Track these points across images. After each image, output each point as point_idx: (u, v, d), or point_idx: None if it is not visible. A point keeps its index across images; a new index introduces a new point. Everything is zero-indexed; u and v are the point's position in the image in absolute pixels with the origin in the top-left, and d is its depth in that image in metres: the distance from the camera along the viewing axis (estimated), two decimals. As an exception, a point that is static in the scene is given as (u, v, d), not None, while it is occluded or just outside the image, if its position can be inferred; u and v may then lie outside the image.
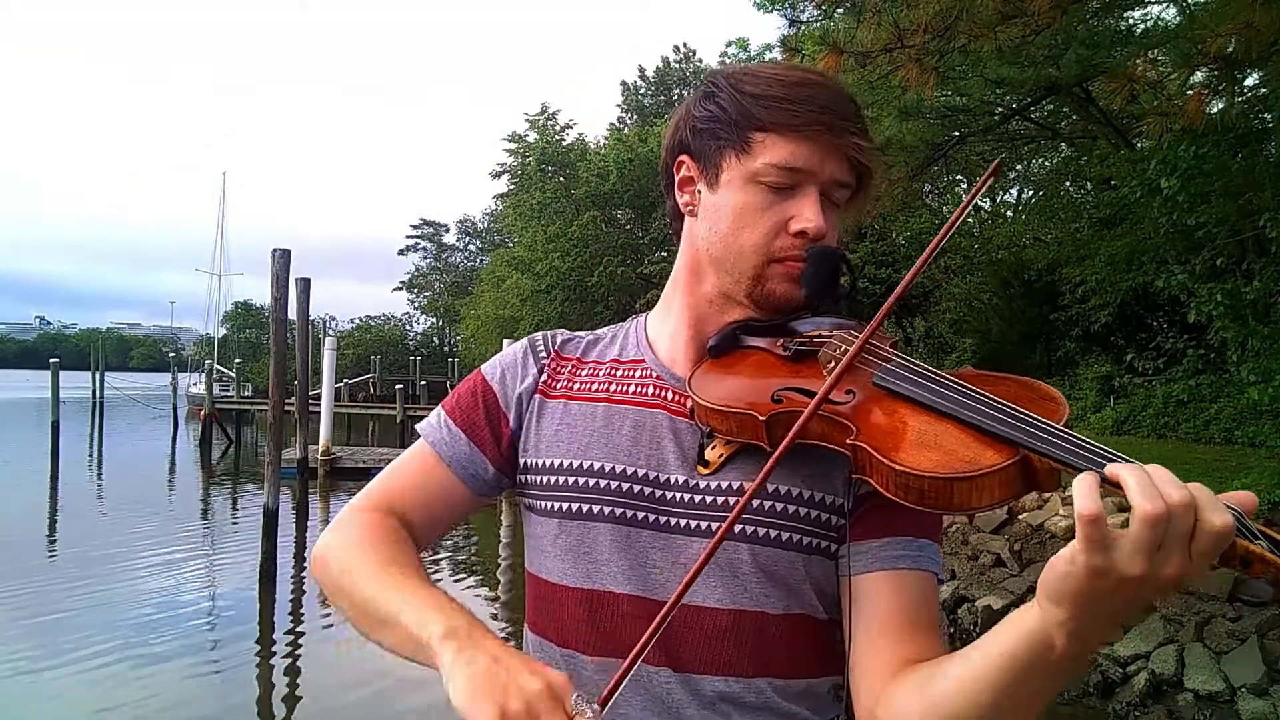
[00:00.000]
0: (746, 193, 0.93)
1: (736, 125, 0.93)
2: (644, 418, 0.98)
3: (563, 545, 0.97)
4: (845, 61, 5.54)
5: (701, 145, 0.96)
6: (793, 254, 0.93)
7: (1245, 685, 4.84)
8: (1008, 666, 0.70)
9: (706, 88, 0.98)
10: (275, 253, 10.37)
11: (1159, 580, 0.61)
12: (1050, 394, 0.78)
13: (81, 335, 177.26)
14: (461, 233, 52.47)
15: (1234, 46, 4.27)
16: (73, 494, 15.53)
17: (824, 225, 0.91)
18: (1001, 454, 0.72)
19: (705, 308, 1.00)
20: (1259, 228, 7.29)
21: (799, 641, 0.92)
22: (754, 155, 0.92)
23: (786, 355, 0.93)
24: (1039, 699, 0.73)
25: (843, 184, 0.94)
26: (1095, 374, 12.26)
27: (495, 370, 1.06)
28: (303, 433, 15.02)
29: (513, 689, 0.72)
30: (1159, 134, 5.93)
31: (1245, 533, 0.62)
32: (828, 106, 0.90)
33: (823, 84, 0.93)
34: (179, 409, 34.90)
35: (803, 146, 0.90)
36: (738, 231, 0.94)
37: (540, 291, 25.07)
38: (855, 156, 0.92)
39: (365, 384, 39.30)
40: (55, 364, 24.03)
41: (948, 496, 0.73)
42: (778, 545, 0.91)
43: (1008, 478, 0.71)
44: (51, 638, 7.02)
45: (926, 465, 0.73)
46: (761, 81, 0.93)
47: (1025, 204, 17.26)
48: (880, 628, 0.86)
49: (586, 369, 1.05)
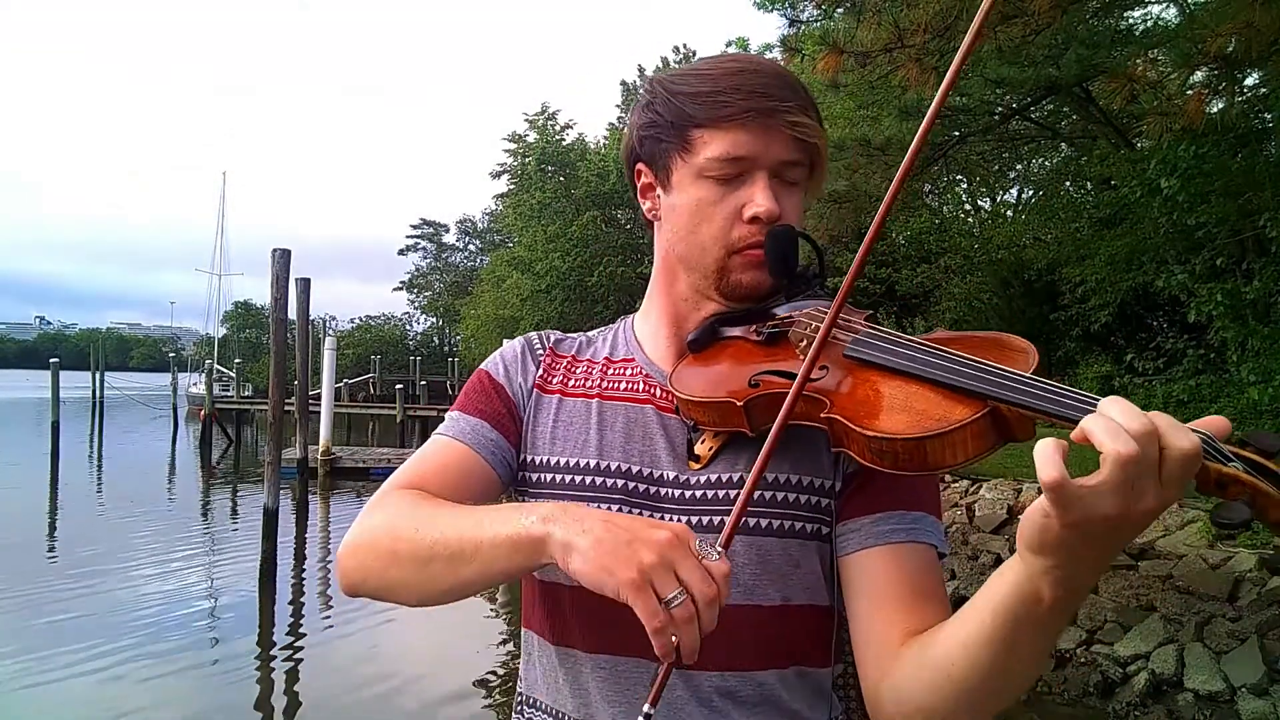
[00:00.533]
0: (697, 189, 0.94)
1: (675, 127, 0.94)
2: (635, 413, 0.99)
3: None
4: (845, 61, 5.54)
5: (650, 152, 0.99)
6: (752, 241, 0.93)
7: (1245, 685, 4.84)
8: (1000, 622, 0.70)
9: (644, 95, 1.00)
10: (275, 253, 10.38)
11: (1136, 515, 0.61)
12: (1019, 345, 0.79)
13: (81, 335, 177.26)
14: (461, 233, 52.48)
15: (1234, 46, 4.27)
16: (73, 494, 15.53)
17: (775, 207, 0.92)
18: (971, 407, 0.72)
19: (682, 306, 1.02)
20: (1259, 228, 7.28)
21: (799, 632, 0.92)
22: (696, 152, 0.93)
23: (760, 340, 0.94)
24: (1037, 650, 0.73)
25: (792, 163, 0.94)
26: (1095, 374, 12.25)
27: (498, 365, 1.07)
28: (303, 433, 15.02)
29: (640, 544, 0.70)
30: (1159, 134, 5.94)
31: (1217, 455, 0.62)
32: (759, 90, 0.91)
33: (753, 69, 0.93)
34: (179, 409, 34.91)
35: (740, 135, 0.91)
36: (695, 228, 0.95)
37: (540, 291, 25.06)
38: (797, 135, 0.92)
39: (365, 384, 39.28)
40: (55, 364, 24.04)
41: (921, 456, 0.73)
42: (773, 534, 0.90)
43: (979, 430, 0.71)
44: (51, 638, 7.02)
45: (897, 428, 0.74)
46: (692, 79, 0.95)
47: (1025, 204, 17.24)
48: (879, 604, 0.86)
49: (581, 367, 1.06)
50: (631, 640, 0.89)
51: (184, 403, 36.77)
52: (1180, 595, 5.72)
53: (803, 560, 0.91)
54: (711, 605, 0.70)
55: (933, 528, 0.90)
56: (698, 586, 0.69)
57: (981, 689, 0.74)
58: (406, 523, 0.87)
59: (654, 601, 0.69)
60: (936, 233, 16.46)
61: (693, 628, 0.69)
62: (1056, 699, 5.49)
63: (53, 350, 63.18)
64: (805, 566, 0.91)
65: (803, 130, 0.92)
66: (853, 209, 9.89)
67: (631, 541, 0.71)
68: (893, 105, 8.56)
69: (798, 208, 0.96)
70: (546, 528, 0.76)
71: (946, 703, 0.76)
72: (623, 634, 0.89)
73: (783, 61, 23.63)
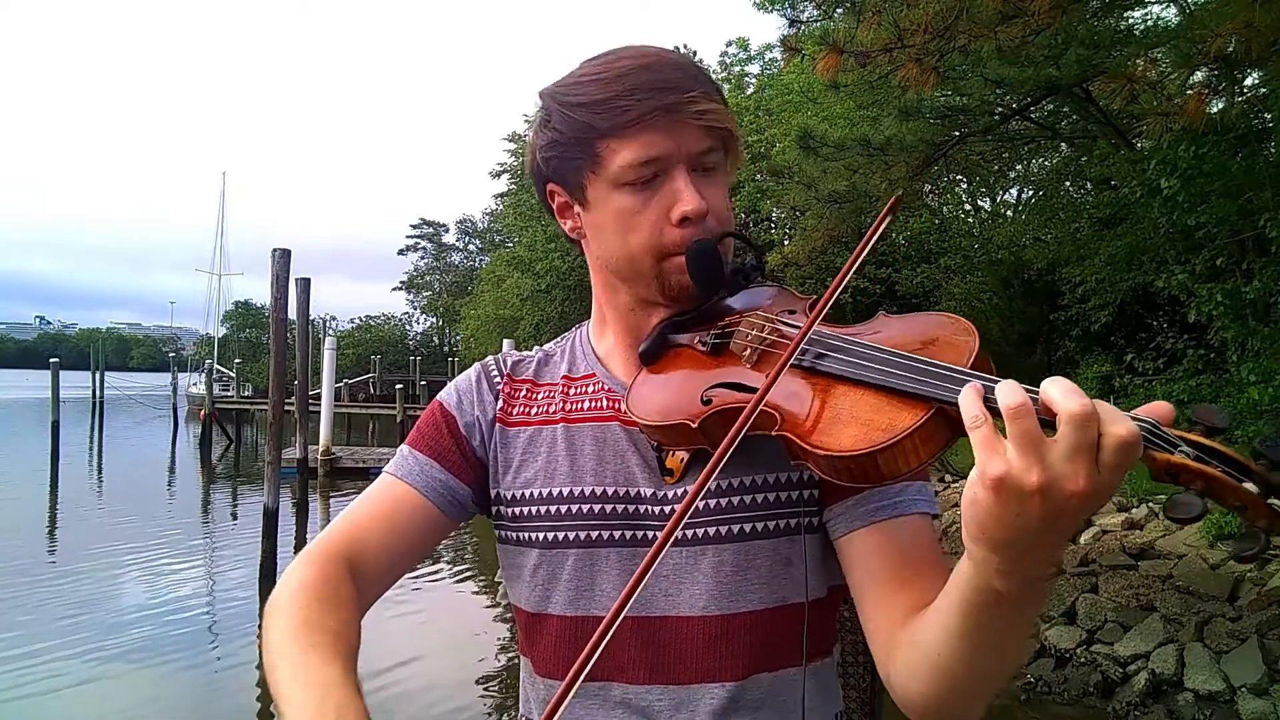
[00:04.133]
0: (616, 200, 0.91)
1: (579, 143, 0.90)
2: (602, 432, 0.97)
3: (542, 576, 0.97)
4: (845, 61, 5.54)
5: (558, 171, 0.95)
6: (684, 243, 0.91)
7: (1245, 685, 4.84)
8: (966, 614, 0.70)
9: (541, 112, 0.95)
10: (275, 253, 10.38)
11: (1068, 494, 0.59)
12: (962, 328, 0.78)
13: (81, 335, 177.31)
14: (461, 233, 52.49)
15: (1234, 46, 4.26)
16: (73, 494, 15.54)
17: (702, 203, 0.89)
18: (915, 411, 0.71)
19: (630, 317, 0.99)
20: (1259, 228, 7.28)
21: (798, 629, 0.91)
22: (607, 163, 0.89)
23: (706, 350, 0.92)
24: (1015, 636, 0.72)
25: (706, 151, 0.91)
26: (1095, 374, 12.24)
27: (453, 396, 1.05)
28: (303, 432, 15.01)
29: None
30: (1159, 134, 5.94)
31: (1161, 443, 0.61)
32: (658, 86, 0.87)
33: (646, 64, 0.89)
34: (179, 409, 34.93)
35: (649, 136, 0.87)
36: (625, 239, 0.92)
37: (540, 291, 25.05)
38: (707, 123, 0.89)
39: (365, 384, 39.31)
40: (55, 364, 24.07)
41: (876, 469, 0.72)
42: (758, 537, 0.90)
43: (928, 432, 0.71)
44: (51, 638, 7.02)
45: (846, 444, 0.73)
46: (586, 87, 0.90)
47: (1025, 204, 17.23)
48: (876, 586, 0.86)
49: (542, 392, 1.04)
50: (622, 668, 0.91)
51: (184, 403, 36.77)
52: (1180, 595, 5.72)
53: (794, 557, 0.90)
54: None
55: (917, 494, 0.89)
56: None
57: (968, 675, 0.74)
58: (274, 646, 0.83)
59: None
60: (936, 233, 16.46)
61: None
62: (1056, 699, 5.49)
63: (53, 350, 63.18)
64: (798, 563, 0.91)
65: (711, 117, 0.89)
66: (853, 209, 9.90)
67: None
68: (893, 105, 8.56)
69: (721, 193, 0.93)
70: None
71: (941, 689, 0.76)
72: (613, 662, 0.90)
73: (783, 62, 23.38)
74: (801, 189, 10.52)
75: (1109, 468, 0.59)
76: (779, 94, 19.60)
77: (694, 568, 0.91)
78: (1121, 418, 0.60)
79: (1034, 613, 0.72)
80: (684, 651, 0.90)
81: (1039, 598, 0.70)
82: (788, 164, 12.38)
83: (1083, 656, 5.68)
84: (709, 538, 0.90)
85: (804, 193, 10.47)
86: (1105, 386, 12.10)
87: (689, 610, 0.90)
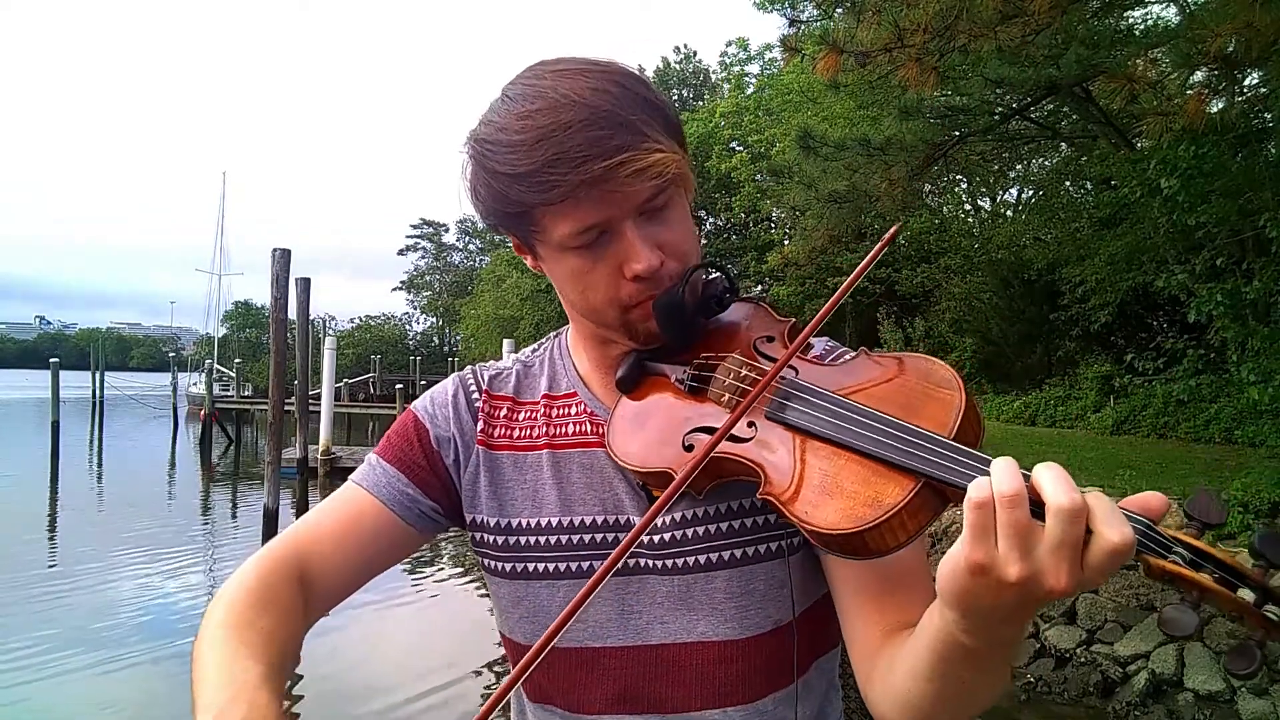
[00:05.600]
0: (566, 262, 0.86)
1: (513, 216, 0.85)
2: (589, 459, 0.94)
3: (528, 608, 0.95)
4: (845, 61, 5.54)
5: (503, 228, 0.90)
6: (645, 295, 0.86)
7: (1245, 685, 4.84)
8: (935, 660, 0.69)
9: (469, 172, 0.87)
10: (275, 253, 10.38)
11: (1047, 589, 0.58)
12: (944, 379, 0.74)
13: (81, 335, 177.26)
14: (461, 233, 52.51)
15: (1234, 46, 4.27)
16: (73, 494, 15.53)
17: (654, 259, 0.83)
18: (901, 486, 0.68)
19: (603, 345, 0.96)
20: (1259, 228, 7.28)
21: (792, 649, 0.91)
22: (548, 231, 0.84)
23: (685, 389, 0.89)
24: (985, 681, 0.71)
25: (653, 195, 0.83)
26: (1095, 374, 12.26)
27: (428, 407, 1.01)
28: (303, 432, 15.01)
29: None
30: (1159, 134, 5.93)
31: (1155, 547, 0.58)
32: (583, 155, 0.78)
33: (565, 123, 0.78)
34: (179, 409, 34.93)
35: (582, 208, 0.80)
36: (583, 294, 0.88)
37: (540, 291, 25.08)
38: (645, 181, 0.80)
39: (365, 384, 39.29)
40: (55, 364, 24.04)
41: (863, 545, 0.69)
42: (750, 562, 0.89)
43: (916, 507, 0.68)
44: (50, 637, 7.02)
45: (833, 520, 0.70)
46: (508, 155, 0.80)
47: (1025, 204, 17.24)
48: (855, 603, 0.85)
49: (524, 412, 1.00)
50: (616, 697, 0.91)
51: (184, 403, 36.78)
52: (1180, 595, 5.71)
53: (787, 578, 0.90)
54: None
55: None
56: None
57: (940, 713, 0.74)
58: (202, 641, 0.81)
59: None
60: (936, 233, 16.48)
61: None
62: (1056, 699, 5.49)
63: (53, 350, 63.23)
64: (791, 583, 0.90)
65: (650, 175, 0.80)
66: (853, 209, 9.90)
67: None
68: (893, 105, 8.57)
69: (679, 229, 0.87)
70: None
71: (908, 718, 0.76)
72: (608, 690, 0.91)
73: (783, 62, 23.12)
74: (801, 189, 10.52)
75: (1094, 569, 0.57)
76: (779, 94, 19.61)
77: (688, 595, 0.90)
78: (1116, 519, 0.56)
79: (1005, 666, 0.70)
80: (683, 679, 0.89)
81: (1010, 655, 0.69)
82: (788, 164, 12.37)
83: (1083, 656, 5.68)
84: (705, 565, 0.89)
85: (804, 193, 10.47)
86: (1105, 386, 12.12)
87: (687, 637, 0.89)
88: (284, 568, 0.89)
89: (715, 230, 24.15)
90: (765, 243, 20.96)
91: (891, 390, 0.76)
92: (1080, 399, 12.61)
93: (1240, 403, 8.43)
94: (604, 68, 0.84)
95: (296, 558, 0.90)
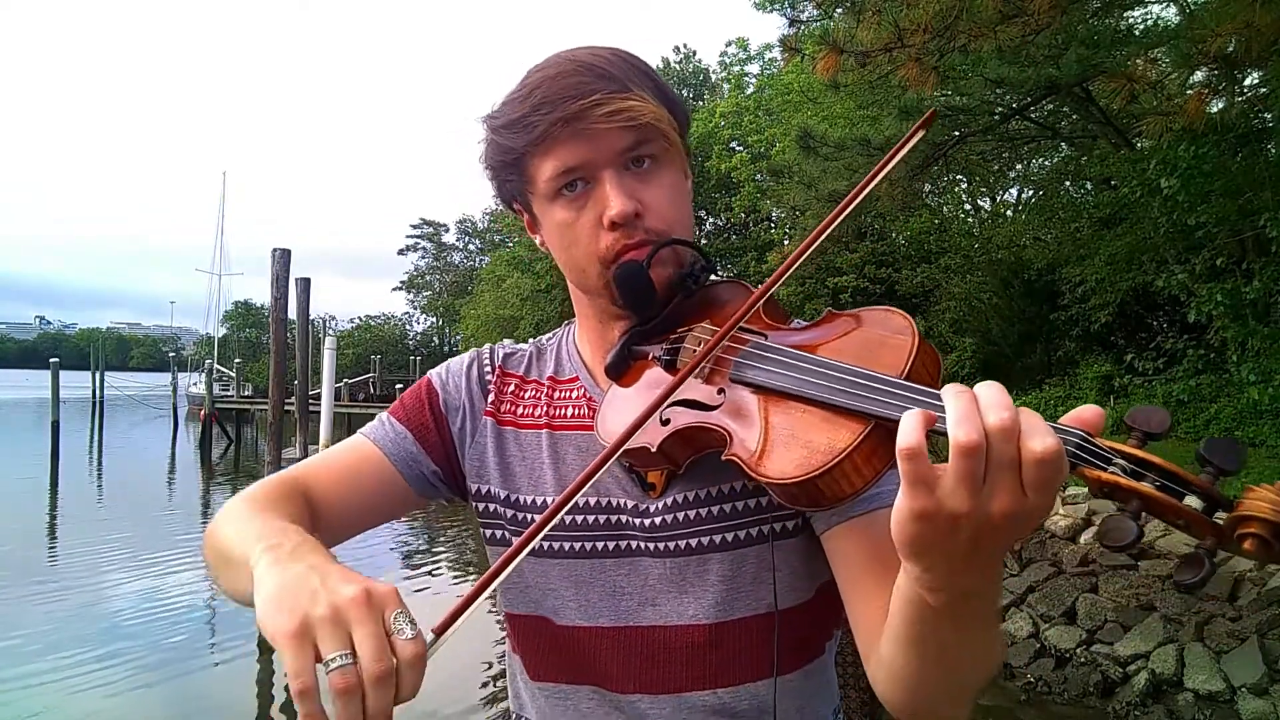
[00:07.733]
0: (554, 214, 0.90)
1: (507, 165, 0.91)
2: (585, 442, 0.97)
3: (532, 581, 0.96)
4: (845, 61, 5.55)
5: (507, 194, 0.96)
6: (620, 246, 0.88)
7: (1245, 685, 4.84)
8: (911, 624, 0.68)
9: (483, 138, 0.95)
10: (275, 253, 10.39)
11: (993, 516, 0.56)
12: (897, 325, 0.75)
13: (81, 335, 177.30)
14: (461, 233, 52.44)
15: (1234, 46, 4.27)
16: (73, 494, 15.54)
17: (628, 204, 0.86)
18: (852, 429, 0.68)
19: (599, 328, 1.00)
20: (1259, 228, 7.28)
21: (788, 633, 0.91)
22: (534, 180, 0.89)
23: (663, 364, 0.90)
24: (966, 643, 0.69)
25: (632, 146, 0.87)
26: (1095, 374, 12.24)
27: (443, 376, 1.05)
28: (303, 432, 14.98)
29: (322, 595, 0.60)
30: (1159, 134, 5.94)
31: (1091, 458, 0.57)
32: (561, 96, 0.84)
33: (554, 73, 0.86)
34: (179, 409, 34.93)
35: (560, 149, 0.86)
36: (569, 250, 0.91)
37: (540, 291, 25.05)
38: (620, 124, 0.85)
39: (365, 384, 39.25)
40: (55, 364, 24.02)
41: (819, 493, 0.69)
42: (740, 545, 0.89)
43: (870, 449, 0.68)
44: (51, 638, 7.02)
45: (789, 470, 0.70)
46: (506, 108, 0.89)
47: (1025, 204, 17.23)
48: (857, 582, 0.84)
49: (529, 391, 1.03)
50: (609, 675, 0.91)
51: (184, 402, 36.78)
52: (1180, 595, 5.71)
53: (782, 562, 0.90)
54: (380, 685, 0.57)
55: (896, 486, 0.89)
56: (368, 657, 0.57)
57: (923, 684, 0.72)
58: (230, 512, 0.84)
59: (306, 660, 0.57)
60: (936, 233, 16.46)
61: (351, 703, 0.56)
62: (1056, 699, 5.48)
63: (53, 350, 63.28)
64: (786, 567, 0.90)
65: (625, 116, 0.84)
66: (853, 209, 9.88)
67: (315, 591, 0.60)
68: (893, 105, 8.56)
69: (664, 191, 0.90)
70: (257, 560, 0.68)
71: (904, 696, 0.75)
72: (601, 668, 0.91)
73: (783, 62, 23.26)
74: (801, 189, 10.53)
75: (1033, 486, 0.55)
76: (779, 94, 19.60)
77: (680, 578, 0.90)
78: (1042, 431, 0.55)
79: (983, 627, 0.69)
80: (673, 660, 0.90)
81: (984, 614, 0.67)
82: (788, 164, 12.38)
83: (1083, 656, 5.68)
84: (699, 548, 0.90)
85: (804, 193, 10.47)
86: (1105, 386, 12.10)
87: (678, 619, 0.90)
88: (288, 486, 0.91)
89: (715, 230, 24.13)
90: (765, 243, 20.94)
91: (849, 342, 0.77)
92: (1080, 399, 12.59)
93: (1240, 403, 8.43)
94: (611, 47, 0.92)
95: (299, 482, 0.93)
